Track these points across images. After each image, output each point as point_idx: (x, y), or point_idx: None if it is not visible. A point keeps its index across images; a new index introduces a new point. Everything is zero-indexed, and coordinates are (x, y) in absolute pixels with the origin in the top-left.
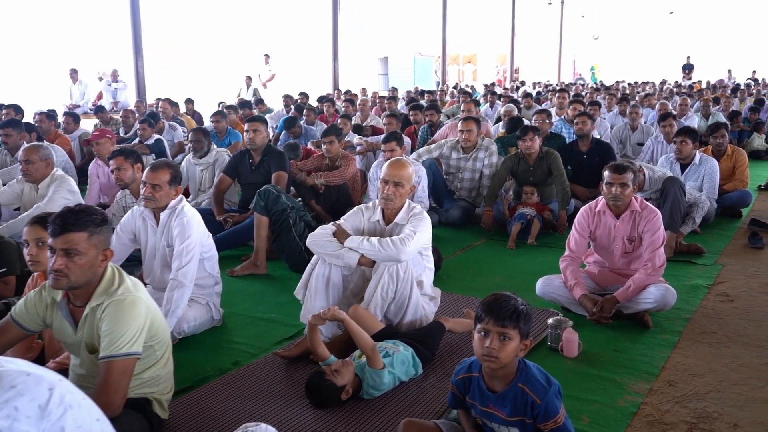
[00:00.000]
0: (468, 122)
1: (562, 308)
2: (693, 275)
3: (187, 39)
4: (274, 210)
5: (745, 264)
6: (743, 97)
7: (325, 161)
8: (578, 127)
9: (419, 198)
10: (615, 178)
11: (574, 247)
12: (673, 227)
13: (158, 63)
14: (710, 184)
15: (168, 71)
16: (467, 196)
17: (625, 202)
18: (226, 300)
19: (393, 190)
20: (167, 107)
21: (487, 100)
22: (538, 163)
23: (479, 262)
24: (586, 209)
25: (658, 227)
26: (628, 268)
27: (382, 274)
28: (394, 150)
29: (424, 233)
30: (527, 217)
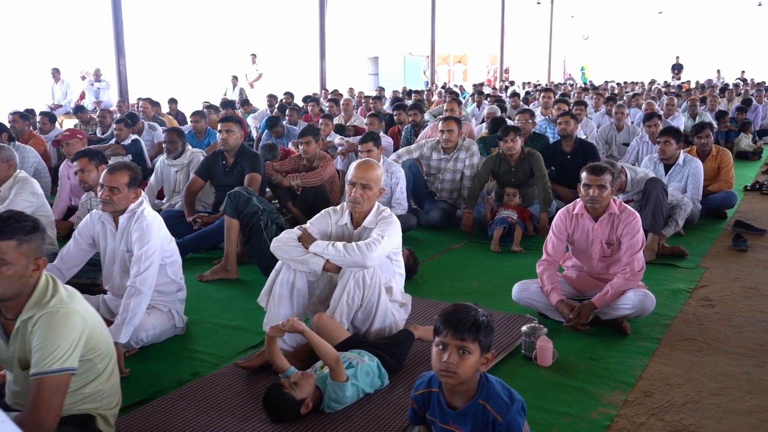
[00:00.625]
0: (449, 122)
1: (539, 314)
2: (675, 279)
3: (172, 38)
4: (244, 212)
5: (729, 267)
6: (731, 97)
7: (303, 162)
8: (561, 127)
9: (398, 200)
10: (592, 180)
11: (552, 251)
12: (655, 229)
13: (142, 62)
14: (694, 185)
15: (152, 71)
16: (448, 197)
17: (603, 204)
18: (191, 306)
19: (361, 193)
20: (148, 107)
21: (474, 100)
22: (520, 163)
23: (457, 265)
24: (564, 212)
25: (637, 230)
26: (607, 272)
27: (347, 280)
28: (371, 151)
29: (392, 237)
30: (509, 220)
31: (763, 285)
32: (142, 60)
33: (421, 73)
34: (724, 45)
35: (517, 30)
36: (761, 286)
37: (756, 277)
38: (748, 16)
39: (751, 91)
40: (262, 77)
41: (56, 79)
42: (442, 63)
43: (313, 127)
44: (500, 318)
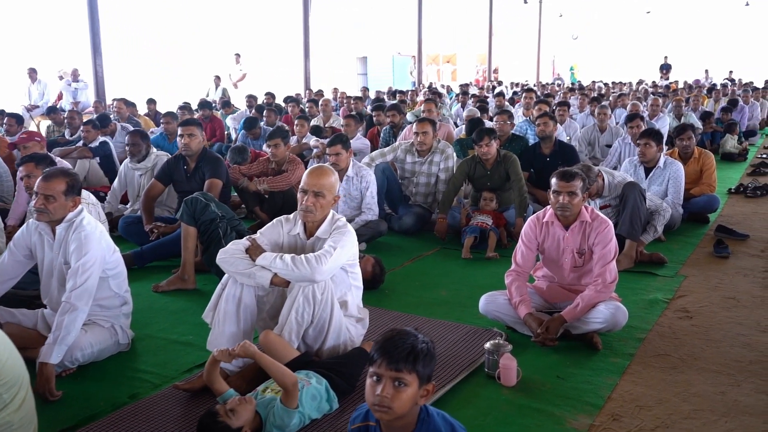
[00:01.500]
0: (423, 124)
1: (507, 328)
2: (652, 288)
3: (154, 37)
4: (202, 220)
5: (709, 275)
6: (718, 98)
7: (271, 165)
8: (540, 129)
9: (368, 205)
10: (562, 186)
11: (521, 261)
12: (633, 236)
13: (122, 62)
14: (675, 189)
15: (133, 70)
16: (423, 201)
17: (573, 212)
18: (142, 320)
19: (313, 201)
20: (122, 107)
21: (459, 101)
22: (496, 167)
23: (427, 274)
24: (534, 219)
25: (609, 239)
26: (579, 283)
27: (296, 296)
28: (339, 154)
29: (345, 249)
30: (482, 226)
31: (743, 295)
32: (122, 60)
33: (408, 73)
34: (712, 45)
35: (506, 30)
36: (741, 296)
37: (736, 286)
38: (736, 16)
39: (739, 91)
40: (247, 77)
41: (33, 80)
42: (431, 63)
43: (282, 130)
44: (465, 332)
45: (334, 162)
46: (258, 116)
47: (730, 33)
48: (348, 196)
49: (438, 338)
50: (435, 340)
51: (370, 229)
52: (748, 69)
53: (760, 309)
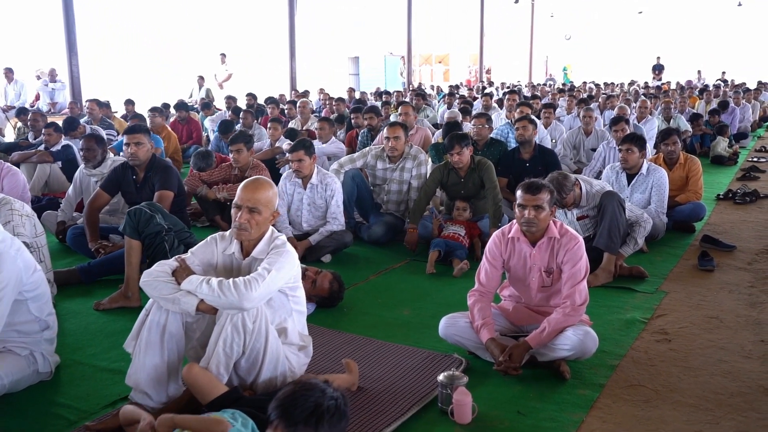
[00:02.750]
0: (394, 128)
1: (469, 353)
2: (630, 306)
3: (136, 37)
4: (146, 232)
5: (691, 291)
6: (709, 99)
7: (234, 172)
8: (519, 133)
9: (333, 214)
10: (527, 200)
11: (484, 280)
12: (612, 248)
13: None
14: (659, 197)
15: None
16: (395, 209)
17: (540, 227)
18: (74, 342)
19: (247, 218)
20: (95, 108)
21: (445, 102)
22: (470, 174)
23: (392, 289)
24: (498, 235)
25: (579, 257)
26: (547, 304)
27: (224, 325)
28: (302, 160)
29: (282, 271)
30: (454, 239)
31: (727, 314)
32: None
33: (398, 73)
34: (704, 46)
35: (499, 30)
36: (724, 315)
37: (720, 303)
38: (729, 17)
39: (730, 92)
40: (232, 77)
41: (9, 80)
42: (424, 63)
43: (244, 134)
44: (423, 358)
45: (296, 168)
46: (235, 118)
47: (722, 34)
48: (312, 204)
49: (392, 365)
50: (389, 367)
51: (334, 240)
52: (741, 70)
53: (744, 330)
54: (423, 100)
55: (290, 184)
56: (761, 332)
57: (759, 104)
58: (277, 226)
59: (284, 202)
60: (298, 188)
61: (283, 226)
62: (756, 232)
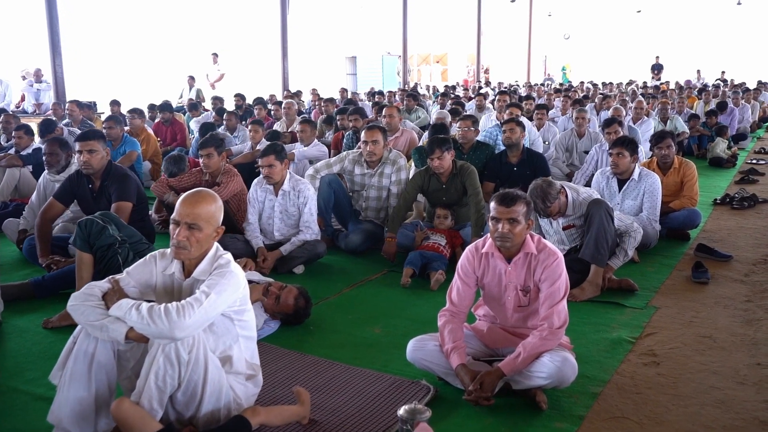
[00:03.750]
0: (372, 132)
1: (439, 379)
2: (617, 323)
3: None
4: (98, 245)
5: (684, 306)
6: (707, 99)
7: (205, 177)
8: (506, 136)
9: (306, 223)
10: (501, 212)
11: (456, 299)
12: (599, 261)
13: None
14: (651, 204)
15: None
16: (375, 216)
17: (515, 242)
18: (13, 366)
19: (186, 235)
20: (75, 110)
21: (438, 102)
22: (452, 180)
23: (365, 304)
24: (472, 250)
25: (558, 275)
26: (524, 325)
27: (155, 356)
28: (272, 166)
29: (223, 295)
30: (433, 249)
31: (721, 332)
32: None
33: (395, 73)
34: (704, 45)
35: (497, 29)
36: (718, 334)
37: (714, 320)
38: (728, 16)
39: (729, 92)
40: (225, 78)
41: None
42: (422, 63)
43: (215, 138)
44: (388, 385)
45: (267, 174)
46: (217, 119)
47: (722, 33)
48: (284, 212)
49: (353, 393)
50: (349, 395)
51: (306, 251)
52: (741, 69)
53: (739, 352)
54: (414, 101)
55: (261, 191)
56: (757, 354)
57: (759, 104)
58: (248, 234)
59: (255, 210)
60: (269, 195)
61: (253, 235)
62: (753, 240)
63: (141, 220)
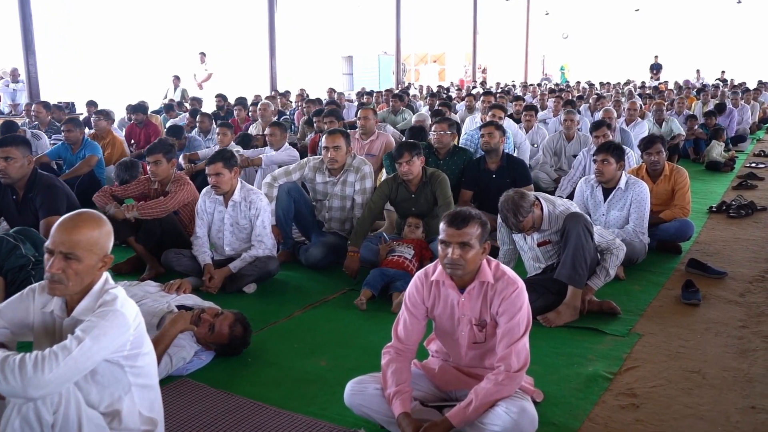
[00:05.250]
0: (333, 137)
1: (381, 428)
2: (595, 354)
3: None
4: (8, 266)
5: (670, 333)
6: (706, 100)
7: (154, 186)
8: (484, 141)
9: (258, 236)
10: (451, 235)
11: (403, 334)
12: (576, 281)
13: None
14: (638, 215)
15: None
16: (339, 228)
17: (468, 269)
18: None
19: (61, 266)
20: (41, 111)
21: (427, 103)
22: (421, 188)
23: (315, 330)
24: (421, 276)
25: (518, 308)
26: (480, 364)
27: (9, 417)
28: (219, 174)
29: (103, 340)
30: (398, 265)
31: (711, 366)
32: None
33: (391, 73)
34: (703, 44)
35: (495, 29)
36: (708, 369)
37: (704, 351)
38: (728, 14)
39: (728, 92)
40: (212, 77)
41: None
42: (420, 62)
43: (164, 143)
44: None
45: (214, 184)
46: (191, 121)
47: (721, 32)
48: (235, 225)
49: None
50: None
51: (256, 268)
52: (741, 69)
53: (731, 391)
54: (400, 102)
55: (210, 202)
56: (752, 393)
57: (759, 105)
58: (195, 249)
59: (204, 222)
60: (218, 206)
61: (201, 251)
62: (751, 253)
63: None
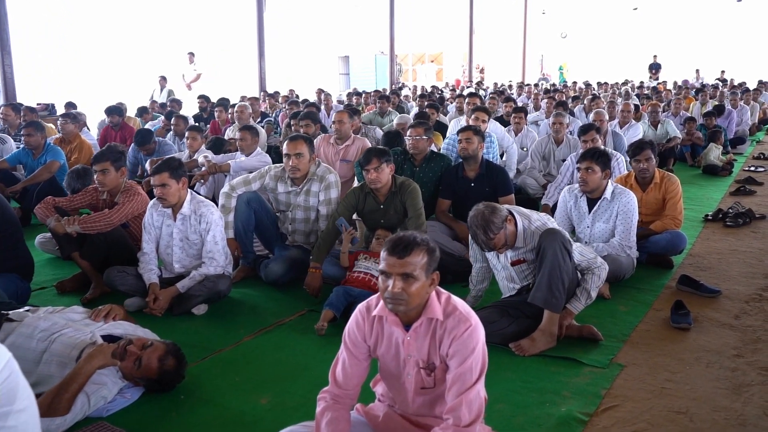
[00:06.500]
0: (295, 143)
1: None
2: (570, 390)
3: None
4: None
5: (656, 364)
6: (705, 100)
7: (103, 196)
8: (461, 147)
9: (209, 253)
10: (392, 265)
11: (341, 377)
12: (552, 305)
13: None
14: (624, 227)
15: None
16: (303, 241)
17: (411, 304)
18: None
19: None
20: (10, 114)
21: (417, 104)
22: (390, 198)
23: (262, 359)
24: (362, 310)
25: (470, 350)
26: (430, 413)
27: None
28: (165, 185)
29: None
30: (362, 284)
31: (700, 405)
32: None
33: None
34: (703, 43)
35: (492, 28)
36: (696, 409)
37: (693, 385)
38: (728, 13)
39: (728, 92)
40: (201, 78)
41: None
42: (417, 62)
43: (113, 150)
44: None
45: (160, 195)
46: (166, 124)
47: (721, 31)
48: (185, 240)
49: None
50: None
51: (205, 287)
52: (741, 69)
53: None
54: (387, 103)
55: (157, 215)
56: None
57: (758, 106)
58: (141, 267)
59: (151, 237)
60: (167, 220)
61: (147, 268)
62: (748, 267)
63: (13, 249)
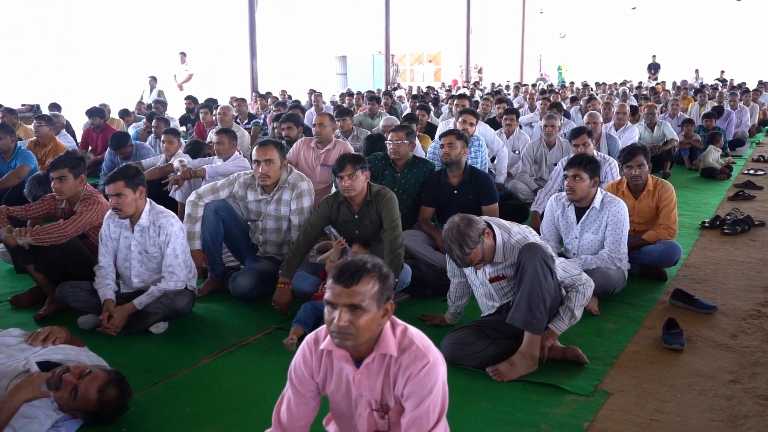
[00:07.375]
0: (265, 149)
1: None
2: (550, 423)
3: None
4: None
5: (644, 391)
6: (704, 101)
7: (61, 205)
8: (443, 152)
9: (169, 267)
10: (338, 295)
11: (285, 418)
12: (533, 326)
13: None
14: (614, 238)
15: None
16: (276, 252)
17: (361, 339)
18: None
19: None
20: None
21: (410, 105)
22: (365, 208)
23: (218, 385)
24: (310, 343)
25: (427, 391)
26: None
27: None
28: (120, 194)
29: None
30: None
31: None
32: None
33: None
34: (702, 43)
35: (490, 28)
36: None
37: (684, 417)
38: (727, 13)
39: (727, 93)
40: (193, 78)
41: None
42: (415, 62)
43: (71, 156)
44: None
45: (115, 206)
46: (147, 126)
47: (721, 31)
48: (144, 253)
49: None
50: None
51: (162, 305)
52: (741, 69)
53: None
54: (378, 104)
55: (114, 226)
56: None
57: (758, 106)
58: (97, 282)
59: (108, 250)
60: (124, 231)
61: (103, 283)
62: (746, 279)
63: None
